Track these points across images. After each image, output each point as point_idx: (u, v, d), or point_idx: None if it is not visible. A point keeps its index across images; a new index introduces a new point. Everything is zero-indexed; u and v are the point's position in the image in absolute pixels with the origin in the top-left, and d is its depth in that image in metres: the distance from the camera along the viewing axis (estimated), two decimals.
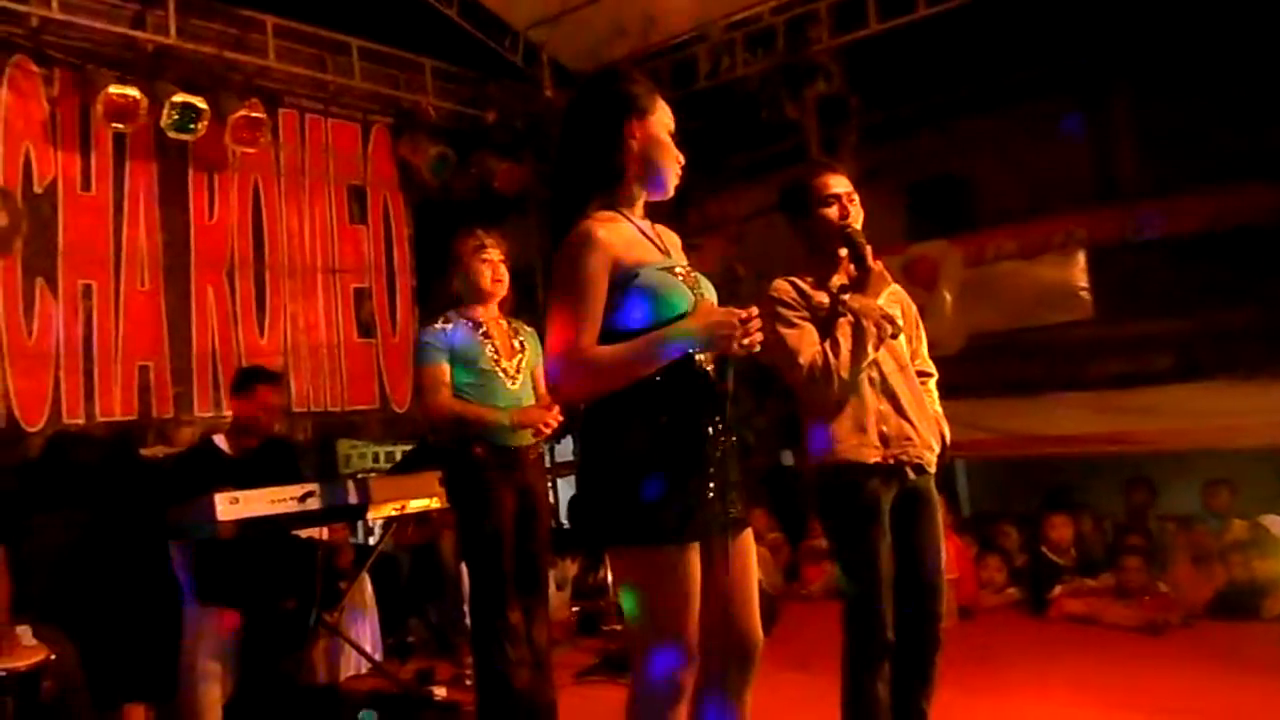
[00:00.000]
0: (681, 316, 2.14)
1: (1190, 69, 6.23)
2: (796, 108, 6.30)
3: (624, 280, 2.13)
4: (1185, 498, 6.11)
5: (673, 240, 2.38)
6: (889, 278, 2.83)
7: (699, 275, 2.31)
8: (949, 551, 5.29)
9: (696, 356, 2.15)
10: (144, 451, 5.32)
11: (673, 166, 2.26)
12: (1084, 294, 6.16)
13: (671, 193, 2.29)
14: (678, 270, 2.24)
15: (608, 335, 2.12)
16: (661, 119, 2.26)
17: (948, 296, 6.27)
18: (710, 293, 2.31)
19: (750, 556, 2.27)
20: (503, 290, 3.75)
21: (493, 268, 3.70)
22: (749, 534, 2.27)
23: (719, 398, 2.15)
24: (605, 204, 2.22)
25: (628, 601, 2.14)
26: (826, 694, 2.90)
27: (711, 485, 2.11)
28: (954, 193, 7.45)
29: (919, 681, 2.85)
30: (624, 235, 2.19)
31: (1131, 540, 5.64)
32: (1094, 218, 6.26)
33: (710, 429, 2.14)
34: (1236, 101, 6.05)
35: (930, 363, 3.11)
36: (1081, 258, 6.17)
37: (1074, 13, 6.19)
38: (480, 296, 3.71)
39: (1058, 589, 5.42)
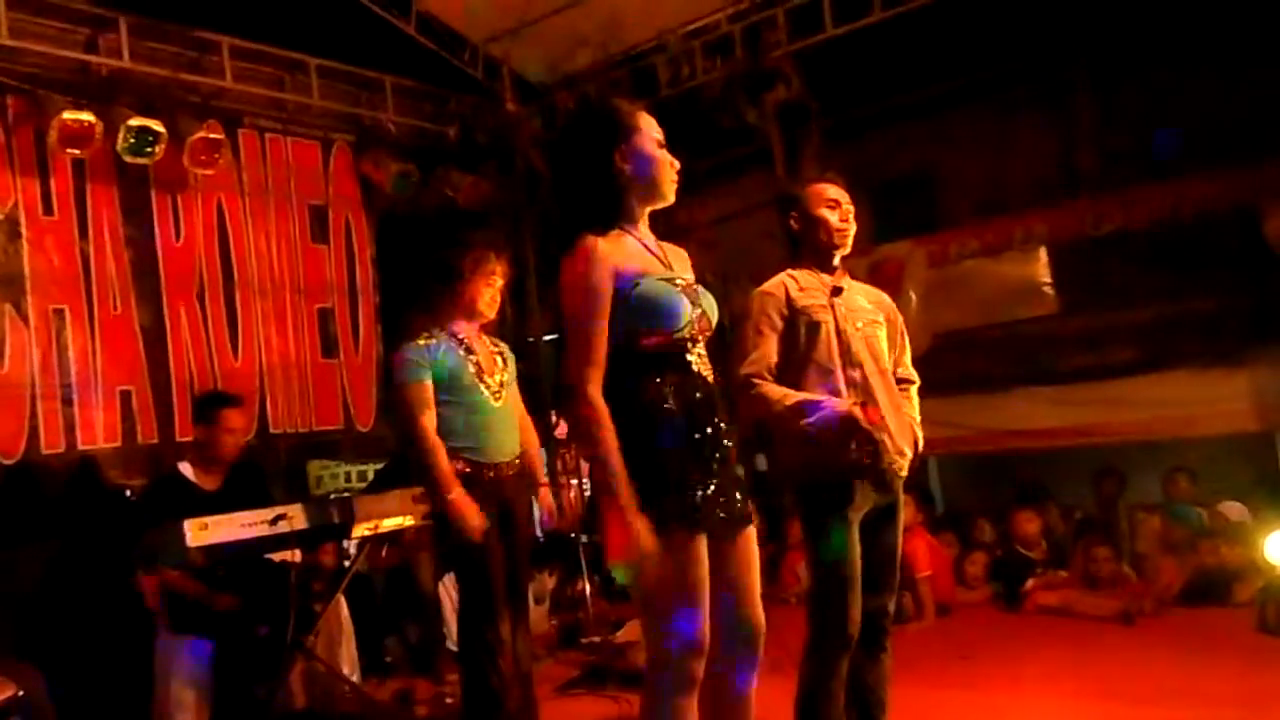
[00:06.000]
0: (681, 327, 2.26)
1: (1148, 64, 6.33)
2: (757, 113, 6.33)
3: (626, 289, 2.23)
4: (1154, 487, 6.18)
5: (678, 255, 2.46)
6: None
7: (700, 289, 2.39)
8: (922, 550, 5.41)
9: (694, 365, 2.28)
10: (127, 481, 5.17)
11: (668, 175, 2.35)
12: (1047, 289, 6.23)
13: (672, 198, 2.38)
14: (678, 281, 2.33)
15: (611, 346, 2.23)
16: (649, 133, 2.34)
17: (913, 296, 6.32)
18: (711, 308, 2.38)
19: (752, 551, 2.36)
20: (492, 315, 3.78)
21: (493, 292, 3.72)
22: (751, 530, 2.36)
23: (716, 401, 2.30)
24: (608, 226, 2.30)
25: (642, 590, 2.19)
26: None
27: (716, 481, 2.23)
28: (916, 193, 7.51)
29: (871, 664, 2.95)
30: (625, 249, 2.29)
31: (1096, 531, 5.71)
32: (1055, 214, 6.34)
33: (710, 428, 2.26)
34: (1192, 94, 6.14)
35: (912, 370, 3.20)
36: (1043, 253, 6.25)
37: (1031, 11, 6.26)
38: (470, 315, 3.71)
39: (1030, 582, 5.47)
